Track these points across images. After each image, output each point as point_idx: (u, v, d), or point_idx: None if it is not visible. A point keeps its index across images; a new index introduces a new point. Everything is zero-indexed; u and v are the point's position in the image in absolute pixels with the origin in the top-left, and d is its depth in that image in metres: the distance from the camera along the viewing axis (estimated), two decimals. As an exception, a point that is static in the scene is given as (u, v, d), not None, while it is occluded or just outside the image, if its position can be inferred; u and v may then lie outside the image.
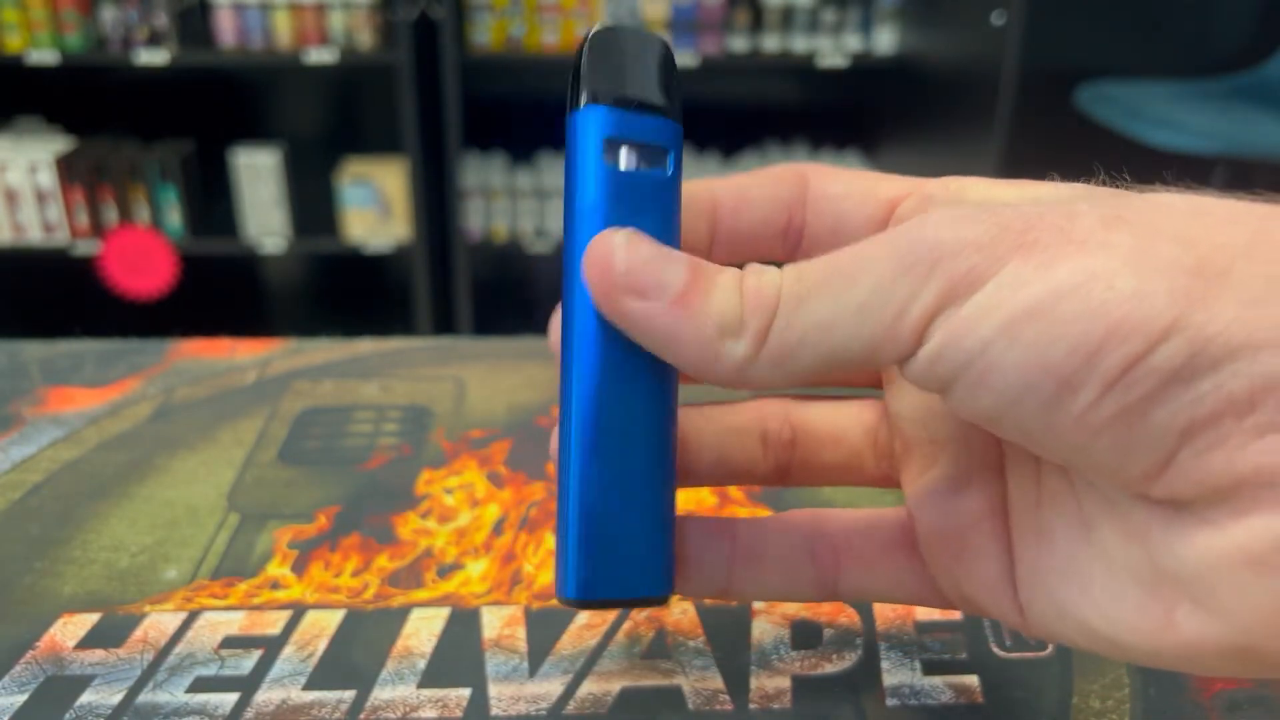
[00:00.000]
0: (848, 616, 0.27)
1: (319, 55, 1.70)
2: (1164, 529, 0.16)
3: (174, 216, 1.80)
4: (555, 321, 0.21)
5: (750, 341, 0.17)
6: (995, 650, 0.26)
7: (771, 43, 1.80)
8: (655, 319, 0.18)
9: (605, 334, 0.19)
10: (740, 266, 0.19)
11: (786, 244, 0.22)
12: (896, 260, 0.16)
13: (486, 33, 1.76)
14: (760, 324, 0.17)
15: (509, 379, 0.40)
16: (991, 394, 0.16)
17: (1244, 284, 0.15)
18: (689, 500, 0.32)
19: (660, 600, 0.21)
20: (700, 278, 0.18)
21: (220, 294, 1.96)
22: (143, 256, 1.77)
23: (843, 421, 0.23)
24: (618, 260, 0.18)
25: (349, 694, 0.24)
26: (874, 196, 0.21)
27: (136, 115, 1.89)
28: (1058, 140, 1.80)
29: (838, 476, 0.23)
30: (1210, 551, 0.15)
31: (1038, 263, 0.15)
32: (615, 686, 0.25)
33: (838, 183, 0.21)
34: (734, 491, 0.32)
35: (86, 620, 0.27)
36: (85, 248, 1.78)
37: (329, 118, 2.01)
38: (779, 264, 0.20)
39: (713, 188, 0.22)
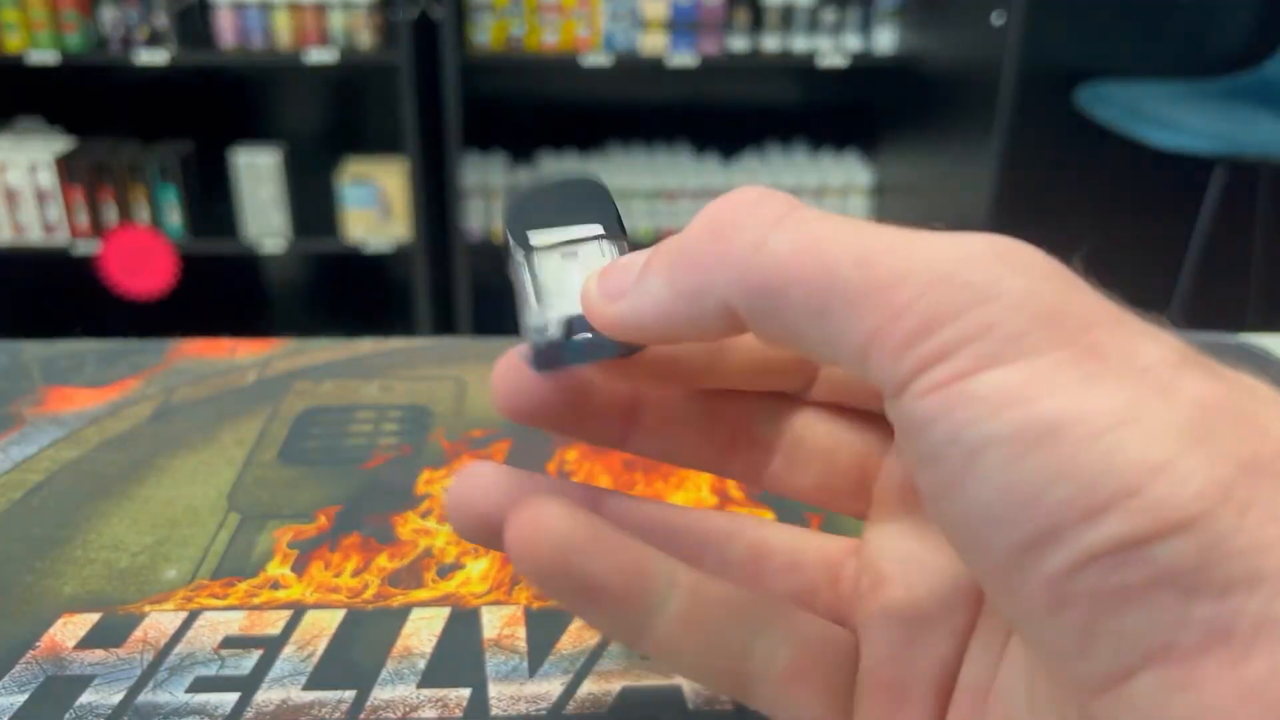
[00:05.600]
0: (848, 616, 0.27)
1: (319, 55, 1.70)
2: None
3: (174, 216, 1.80)
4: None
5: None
6: (995, 650, 0.26)
7: (771, 42, 1.80)
8: None
9: None
10: None
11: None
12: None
13: (486, 33, 1.76)
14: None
15: (509, 379, 0.40)
16: (963, 505, 0.13)
17: None
18: (690, 498, 0.32)
19: None
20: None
21: (220, 294, 1.96)
22: (143, 256, 1.77)
23: (805, 549, 0.20)
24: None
25: (349, 694, 0.24)
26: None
27: (136, 115, 1.89)
28: (1058, 140, 1.81)
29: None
30: None
31: (1085, 372, 0.13)
32: (615, 686, 0.25)
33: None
34: (734, 491, 0.32)
35: (86, 620, 0.27)
36: (85, 247, 1.78)
37: (329, 118, 2.01)
38: None
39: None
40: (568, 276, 0.19)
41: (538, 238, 0.19)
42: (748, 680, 0.18)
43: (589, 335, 0.18)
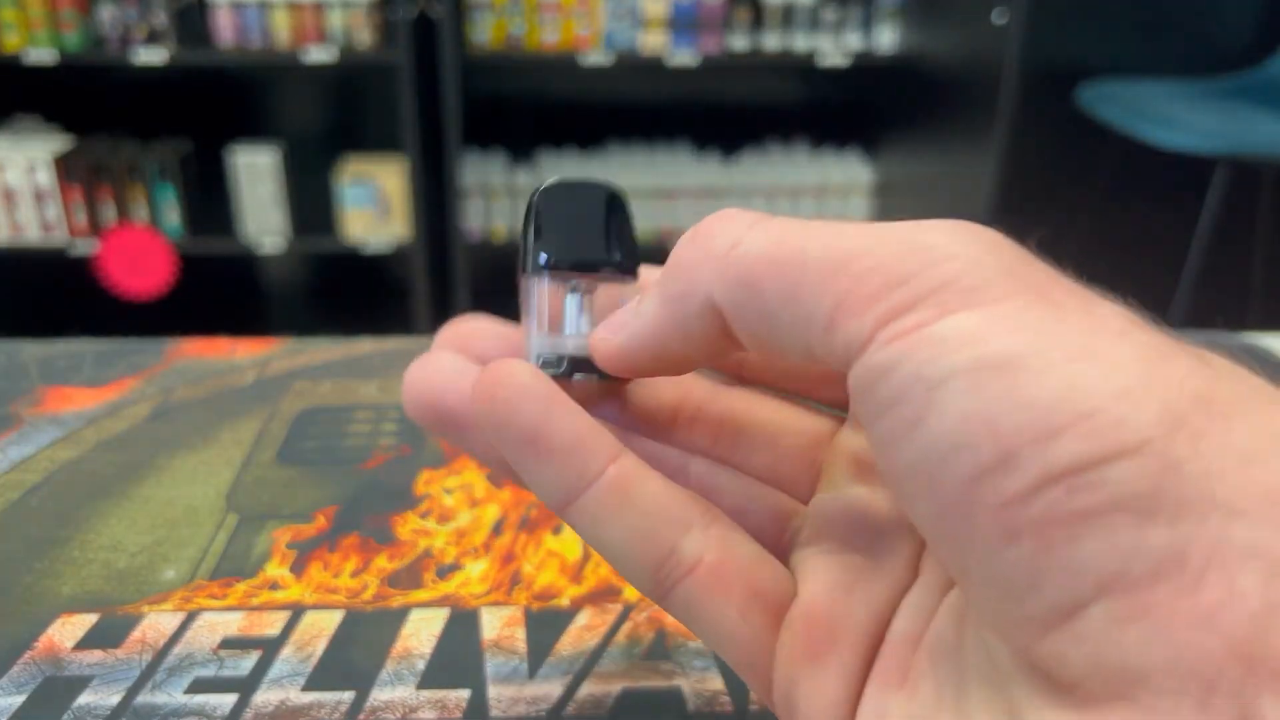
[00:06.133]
0: (849, 617, 0.27)
1: (318, 54, 1.70)
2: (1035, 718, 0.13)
3: (172, 216, 1.80)
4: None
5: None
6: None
7: (772, 41, 1.80)
8: None
9: None
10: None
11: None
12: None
13: (486, 31, 1.76)
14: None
15: (509, 378, 0.39)
16: (920, 442, 0.13)
17: (1250, 431, 0.12)
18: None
19: None
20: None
21: (219, 294, 1.96)
22: (141, 256, 1.77)
23: (758, 496, 0.20)
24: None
25: (348, 695, 0.24)
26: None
27: (135, 114, 1.89)
28: (1059, 139, 1.81)
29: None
30: None
31: (1043, 315, 0.13)
32: (615, 688, 0.25)
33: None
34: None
35: (85, 621, 0.27)
36: (83, 247, 1.78)
37: (328, 117, 2.00)
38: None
39: None
40: (578, 311, 0.20)
41: (554, 258, 0.20)
42: (669, 581, 0.18)
43: (586, 374, 0.20)
